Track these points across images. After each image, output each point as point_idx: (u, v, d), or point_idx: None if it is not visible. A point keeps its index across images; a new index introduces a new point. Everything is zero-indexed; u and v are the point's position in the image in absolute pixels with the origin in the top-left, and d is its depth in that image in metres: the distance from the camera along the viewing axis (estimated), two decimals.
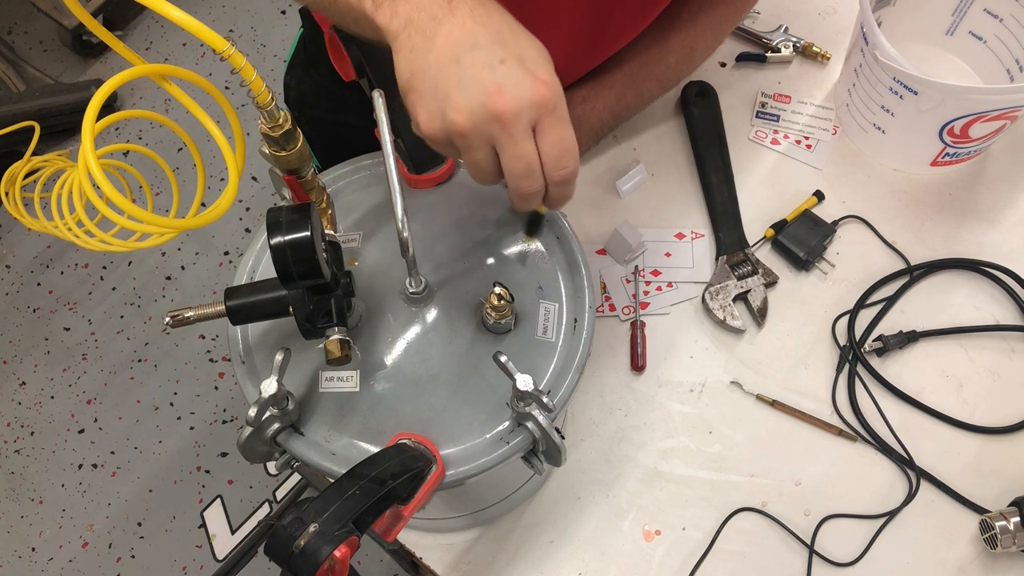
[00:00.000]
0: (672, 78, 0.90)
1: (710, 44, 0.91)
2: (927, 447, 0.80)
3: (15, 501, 1.76)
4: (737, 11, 0.90)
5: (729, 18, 0.90)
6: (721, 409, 0.83)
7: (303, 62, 1.12)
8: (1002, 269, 0.87)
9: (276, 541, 0.46)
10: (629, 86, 0.87)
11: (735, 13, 0.90)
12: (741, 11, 0.91)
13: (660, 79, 0.89)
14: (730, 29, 0.92)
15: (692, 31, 0.88)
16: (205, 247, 1.98)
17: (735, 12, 0.90)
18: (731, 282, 0.86)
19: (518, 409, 0.56)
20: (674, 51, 0.88)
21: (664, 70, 0.88)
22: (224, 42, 0.43)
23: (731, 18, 0.90)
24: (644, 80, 0.88)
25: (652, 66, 0.87)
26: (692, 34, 0.88)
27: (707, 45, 0.90)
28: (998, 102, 0.80)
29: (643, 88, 0.88)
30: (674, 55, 0.88)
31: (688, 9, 0.87)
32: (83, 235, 1.12)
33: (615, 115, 0.88)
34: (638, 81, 0.87)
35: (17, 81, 2.08)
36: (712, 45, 0.91)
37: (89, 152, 0.43)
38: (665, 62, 0.88)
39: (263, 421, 0.55)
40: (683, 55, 0.88)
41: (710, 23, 0.88)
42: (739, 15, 0.91)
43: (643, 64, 0.87)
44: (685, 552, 0.77)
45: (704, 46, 0.90)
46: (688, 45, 0.88)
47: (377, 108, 0.57)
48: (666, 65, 0.88)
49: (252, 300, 0.56)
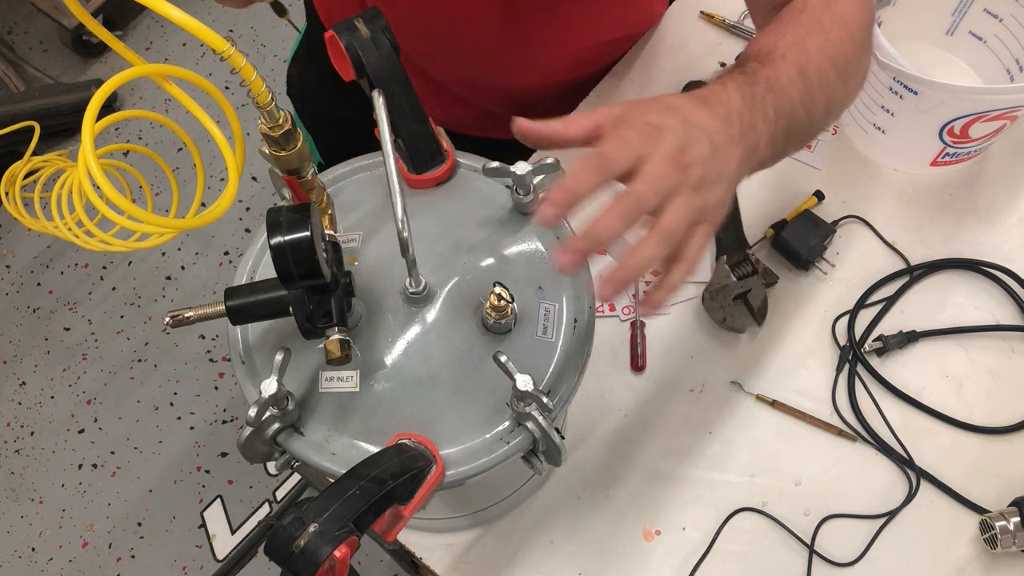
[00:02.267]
0: (843, 61, 0.65)
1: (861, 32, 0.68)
2: (927, 447, 0.80)
3: (15, 501, 1.76)
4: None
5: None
6: (721, 409, 0.83)
7: (305, 55, 1.12)
8: (1002, 269, 0.87)
9: (276, 541, 0.46)
10: (806, 60, 0.63)
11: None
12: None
13: (832, 57, 0.64)
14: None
15: (834, 11, 0.67)
16: (205, 247, 1.98)
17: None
18: (731, 282, 0.86)
19: (518, 409, 0.56)
20: (830, 28, 0.65)
21: (833, 47, 0.65)
22: (224, 42, 0.43)
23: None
24: (817, 55, 0.64)
25: (817, 39, 0.64)
26: (836, 12, 0.67)
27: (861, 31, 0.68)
28: (998, 102, 0.80)
29: (820, 65, 0.63)
30: (834, 32, 0.65)
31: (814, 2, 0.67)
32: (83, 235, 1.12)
33: (802, 97, 0.62)
34: (811, 55, 0.63)
35: (17, 81, 2.08)
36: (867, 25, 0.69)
37: (89, 152, 0.42)
38: (828, 38, 0.65)
39: (263, 421, 0.55)
40: (843, 35, 0.66)
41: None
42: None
43: (805, 36, 0.64)
44: (685, 552, 0.77)
45: (860, 34, 0.68)
46: (840, 23, 0.66)
47: (377, 108, 0.57)
48: (832, 42, 0.65)
49: (252, 300, 0.56)
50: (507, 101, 1.01)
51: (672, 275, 0.53)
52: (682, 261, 0.53)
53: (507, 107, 1.01)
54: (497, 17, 0.84)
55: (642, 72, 1.02)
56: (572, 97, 1.00)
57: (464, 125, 0.71)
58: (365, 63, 0.59)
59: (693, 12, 1.05)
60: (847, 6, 0.68)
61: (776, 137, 0.59)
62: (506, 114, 1.04)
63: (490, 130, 1.03)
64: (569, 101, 1.00)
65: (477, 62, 0.92)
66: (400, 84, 0.61)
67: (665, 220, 0.51)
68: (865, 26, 0.69)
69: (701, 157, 0.52)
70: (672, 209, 0.51)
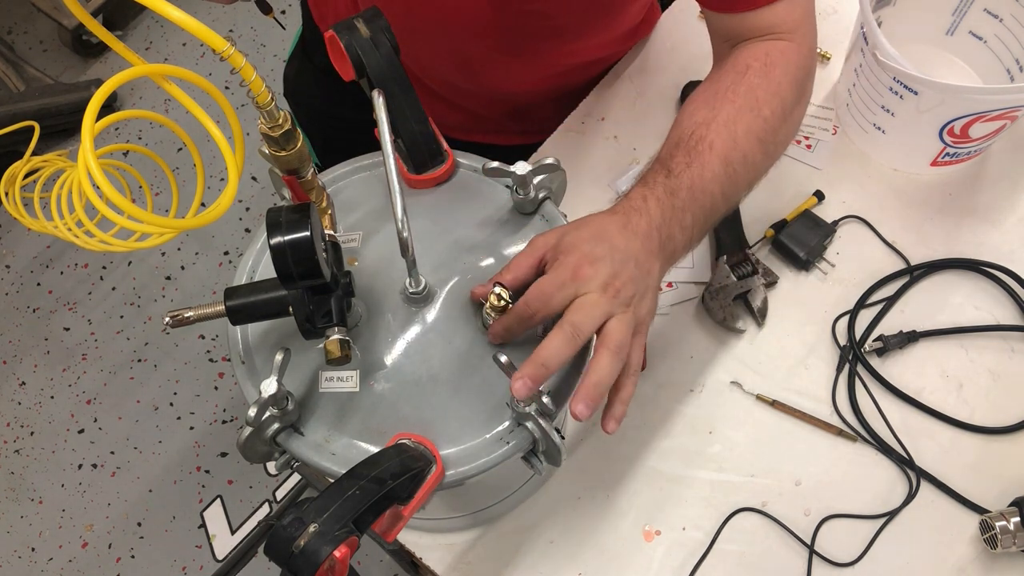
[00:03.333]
0: (771, 138, 0.70)
1: (795, 95, 0.73)
2: (927, 447, 0.80)
3: (15, 501, 1.76)
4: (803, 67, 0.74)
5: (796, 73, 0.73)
6: (721, 409, 0.83)
7: (301, 55, 1.12)
8: (1002, 269, 0.87)
9: (276, 541, 0.46)
10: (732, 146, 0.67)
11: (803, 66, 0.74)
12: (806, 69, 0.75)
13: (760, 137, 0.69)
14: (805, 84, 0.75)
15: (771, 78, 0.71)
16: (205, 247, 1.98)
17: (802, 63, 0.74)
18: (731, 282, 0.86)
19: (518, 409, 0.56)
20: (764, 102, 0.69)
21: (761, 125, 0.69)
22: (224, 42, 0.43)
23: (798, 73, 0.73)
24: (744, 137, 0.68)
25: (747, 119, 0.68)
26: (774, 81, 0.71)
27: (794, 96, 0.73)
28: (998, 102, 0.80)
29: (746, 149, 0.68)
30: (767, 107, 0.69)
31: (755, 65, 0.71)
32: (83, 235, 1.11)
33: (724, 189, 0.67)
34: (739, 139, 0.67)
35: (17, 81, 2.08)
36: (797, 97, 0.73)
37: (89, 152, 0.42)
38: (760, 114, 0.69)
39: (263, 421, 0.55)
40: (776, 107, 0.70)
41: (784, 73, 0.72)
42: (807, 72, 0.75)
43: (737, 117, 0.68)
44: (685, 552, 0.77)
45: (792, 97, 0.72)
46: (775, 94, 0.70)
47: (377, 108, 0.57)
48: (763, 119, 0.69)
49: (252, 300, 0.56)
50: (498, 106, 1.00)
51: (625, 388, 0.61)
52: (630, 374, 0.61)
53: (498, 112, 1.01)
54: (488, 25, 0.85)
55: (642, 72, 1.02)
56: (562, 102, 1.00)
57: (453, 129, 0.71)
58: (365, 63, 0.59)
59: (693, 12, 1.05)
60: (787, 68, 0.72)
61: (692, 239, 0.67)
62: (497, 118, 1.04)
63: (480, 134, 1.03)
64: (559, 106, 1.00)
65: (468, 68, 0.92)
66: (400, 84, 0.61)
67: (612, 337, 0.58)
68: (800, 84, 0.74)
69: (630, 279, 0.60)
70: (614, 328, 0.58)
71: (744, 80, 0.70)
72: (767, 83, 0.70)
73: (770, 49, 0.72)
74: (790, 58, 0.72)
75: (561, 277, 0.59)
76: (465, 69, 0.93)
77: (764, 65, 0.71)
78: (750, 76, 0.70)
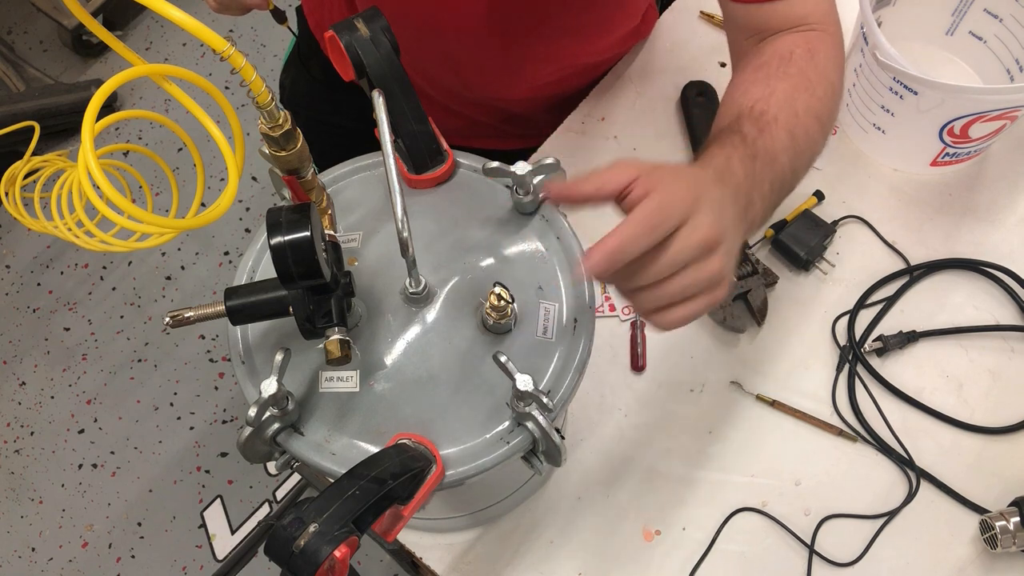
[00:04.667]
0: (825, 117, 0.70)
1: (840, 80, 0.73)
2: (927, 447, 0.80)
3: (15, 501, 1.76)
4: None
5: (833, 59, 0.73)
6: (721, 409, 0.83)
7: (297, 63, 1.12)
8: (1002, 269, 0.87)
9: (276, 541, 0.46)
10: (795, 121, 0.66)
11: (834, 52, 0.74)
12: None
13: (817, 114, 0.68)
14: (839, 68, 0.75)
15: (817, 62, 0.71)
16: (205, 247, 1.98)
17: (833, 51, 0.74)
18: (731, 282, 0.86)
19: (518, 409, 0.56)
20: (816, 83, 0.69)
21: (817, 103, 0.68)
22: (224, 42, 0.43)
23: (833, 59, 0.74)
24: (804, 113, 0.67)
25: (804, 96, 0.68)
26: (820, 65, 0.71)
27: (839, 81, 0.73)
28: (998, 102, 0.80)
29: (807, 124, 0.67)
30: (819, 87, 0.69)
31: (798, 51, 0.71)
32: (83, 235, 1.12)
33: (792, 162, 0.66)
34: (800, 114, 0.67)
35: (17, 81, 2.08)
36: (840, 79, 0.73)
37: (89, 152, 0.42)
38: (814, 94, 0.69)
39: (263, 421, 0.55)
40: (827, 88, 0.70)
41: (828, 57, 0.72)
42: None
43: (794, 94, 0.68)
44: (685, 552, 0.77)
45: (839, 83, 0.73)
46: (824, 77, 0.70)
47: (377, 108, 0.57)
48: (817, 98, 0.69)
49: (252, 300, 0.56)
50: (495, 112, 1.00)
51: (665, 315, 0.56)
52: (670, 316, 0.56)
53: (495, 118, 1.01)
54: (484, 32, 0.85)
55: (642, 72, 1.02)
56: (561, 109, 1.00)
57: (452, 135, 0.71)
58: (365, 63, 0.59)
59: (693, 12, 1.05)
60: (828, 54, 0.71)
61: (768, 209, 0.63)
62: (495, 124, 1.04)
63: (479, 139, 1.03)
64: (556, 113, 1.00)
65: (465, 74, 0.92)
66: (400, 84, 0.61)
67: (676, 282, 0.54)
68: (841, 70, 0.73)
69: (726, 230, 0.56)
70: (684, 276, 0.54)
71: (792, 63, 0.69)
72: (815, 66, 0.70)
73: (810, 37, 0.72)
74: (829, 45, 0.72)
75: (678, 196, 0.54)
76: (460, 75, 0.93)
77: (807, 51, 0.70)
78: (796, 60, 0.70)
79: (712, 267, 0.55)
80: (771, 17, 0.73)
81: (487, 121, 1.01)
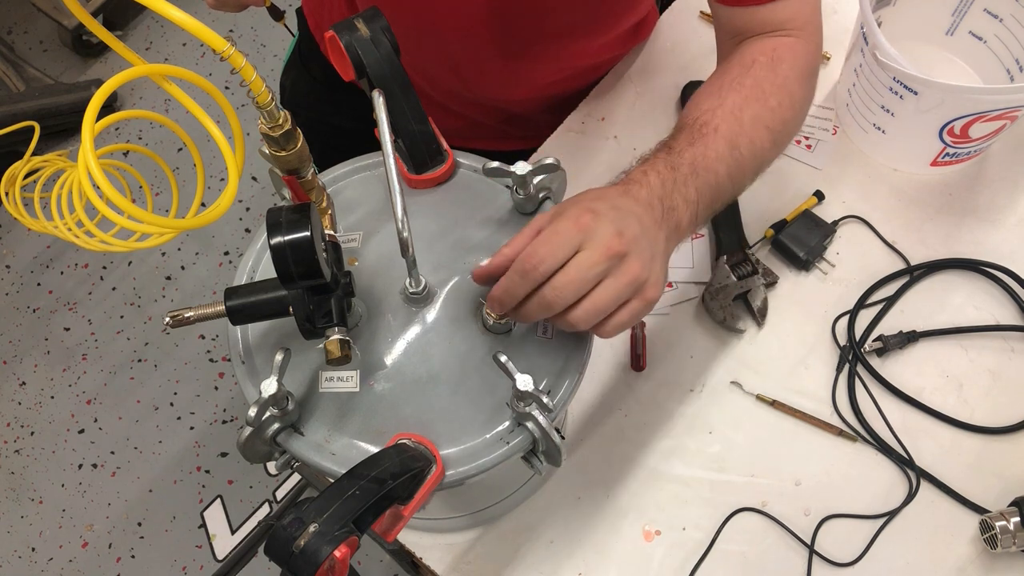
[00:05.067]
0: (778, 127, 0.70)
1: (802, 91, 0.74)
2: (927, 447, 0.80)
3: (15, 501, 1.76)
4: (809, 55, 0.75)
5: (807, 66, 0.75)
6: (721, 409, 0.83)
7: (298, 64, 1.12)
8: (1002, 269, 0.87)
9: (276, 541, 0.46)
10: (738, 131, 0.68)
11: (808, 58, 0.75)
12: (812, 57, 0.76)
13: (767, 125, 0.69)
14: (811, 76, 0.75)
15: (778, 72, 0.72)
16: (205, 247, 1.98)
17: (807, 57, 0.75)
18: (731, 282, 0.86)
19: (518, 409, 0.56)
20: (771, 93, 0.70)
21: (769, 114, 0.69)
22: (224, 42, 0.43)
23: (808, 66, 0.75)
24: (751, 124, 0.68)
25: (754, 107, 0.69)
26: (781, 75, 0.72)
27: (801, 91, 0.73)
28: (998, 102, 0.80)
29: (753, 135, 0.68)
30: (773, 97, 0.70)
31: (761, 59, 0.72)
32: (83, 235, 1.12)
33: (729, 170, 0.67)
34: (745, 124, 0.68)
35: (17, 81, 2.08)
36: (807, 92, 0.74)
37: (89, 152, 0.42)
38: (766, 104, 0.69)
39: (263, 421, 0.55)
40: (783, 99, 0.71)
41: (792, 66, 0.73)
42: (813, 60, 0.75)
43: (743, 104, 0.69)
44: (685, 552, 0.77)
45: (800, 92, 0.73)
46: (782, 87, 0.71)
47: (377, 108, 0.57)
48: (769, 108, 0.70)
49: (252, 300, 0.56)
50: (495, 113, 1.00)
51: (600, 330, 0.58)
52: (606, 327, 0.58)
53: (495, 118, 1.01)
54: (485, 33, 0.85)
55: (642, 72, 1.02)
56: (561, 110, 1.00)
57: (452, 136, 0.72)
58: (365, 63, 0.59)
59: (693, 12, 1.05)
60: (794, 63, 0.72)
61: (699, 213, 0.64)
62: (494, 125, 1.04)
63: (479, 140, 1.03)
64: (557, 114, 1.00)
65: (465, 75, 0.92)
66: (400, 84, 0.61)
67: (597, 297, 0.56)
68: (808, 79, 0.74)
69: (635, 236, 0.57)
70: (603, 289, 0.56)
71: (750, 72, 0.71)
72: (774, 76, 0.71)
73: (777, 45, 0.72)
74: (797, 53, 0.73)
75: (564, 226, 0.56)
76: (461, 75, 0.93)
77: (771, 60, 0.71)
78: (756, 69, 0.71)
79: (631, 272, 0.56)
80: (751, 20, 0.74)
81: (487, 122, 1.01)
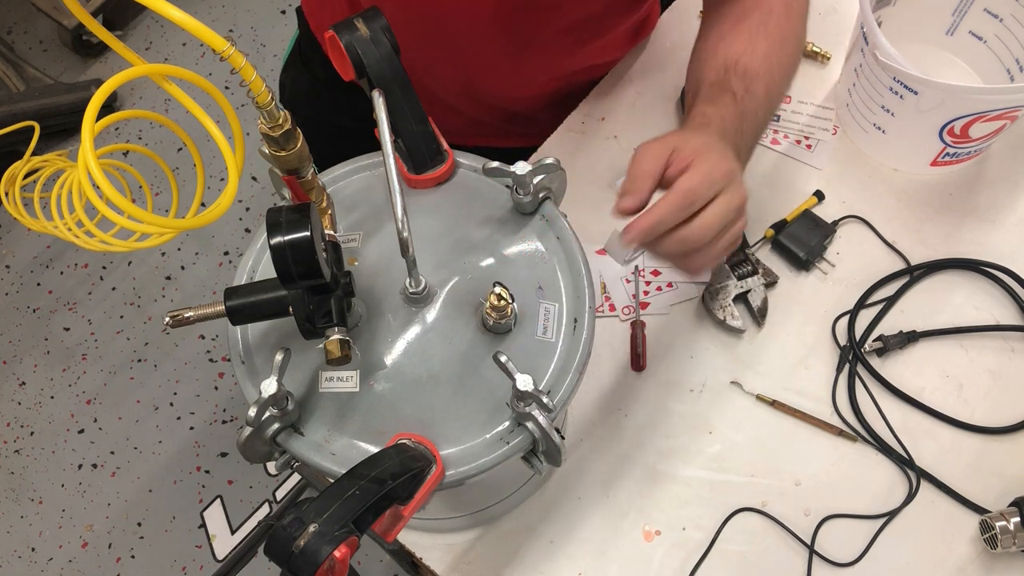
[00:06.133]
0: (791, 72, 0.80)
1: (804, 36, 0.82)
2: (927, 447, 0.80)
3: (15, 501, 1.76)
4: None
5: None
6: (721, 409, 0.83)
7: (298, 62, 1.12)
8: (1002, 269, 0.87)
9: (276, 541, 0.46)
10: (770, 79, 0.76)
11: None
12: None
13: (786, 72, 0.79)
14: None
15: (792, 20, 0.79)
16: (205, 247, 1.98)
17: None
18: (731, 282, 0.86)
19: (518, 409, 0.56)
20: (788, 39, 0.78)
21: (788, 61, 0.79)
22: (224, 42, 0.43)
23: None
24: (778, 71, 0.77)
25: (778, 55, 0.77)
26: (793, 22, 0.80)
27: (804, 37, 0.82)
28: (998, 102, 0.80)
29: (779, 82, 0.78)
30: (791, 45, 0.79)
31: (777, 9, 0.79)
32: (83, 235, 1.11)
33: (766, 114, 0.76)
34: (774, 72, 0.77)
35: (17, 81, 2.08)
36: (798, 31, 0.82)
37: (89, 152, 0.42)
38: (786, 52, 0.78)
39: (263, 421, 0.55)
40: (797, 46, 0.80)
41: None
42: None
43: (771, 52, 0.76)
44: (685, 552, 0.77)
45: (803, 36, 0.82)
46: (795, 34, 0.80)
47: (377, 108, 0.57)
48: (788, 55, 0.79)
49: (252, 300, 0.56)
50: (498, 111, 1.00)
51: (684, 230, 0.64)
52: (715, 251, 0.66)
53: (498, 116, 1.01)
54: (490, 31, 0.85)
55: (642, 72, 1.02)
56: (564, 108, 1.00)
57: (453, 134, 0.72)
58: (365, 63, 0.59)
59: (693, 12, 1.05)
60: (800, 12, 0.80)
61: (748, 157, 0.74)
62: (496, 123, 1.04)
63: (481, 138, 1.03)
64: (559, 112, 1.00)
65: (470, 73, 0.92)
66: (400, 84, 0.61)
67: (733, 234, 0.65)
68: (805, 25, 0.82)
69: (742, 181, 0.66)
70: (736, 228, 0.66)
71: (772, 20, 0.77)
72: (789, 23, 0.78)
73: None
74: (802, 2, 0.80)
75: (719, 171, 0.63)
76: (466, 73, 0.93)
77: (785, 6, 0.78)
78: (776, 17, 0.77)
79: (740, 225, 0.66)
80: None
81: (490, 119, 1.02)
